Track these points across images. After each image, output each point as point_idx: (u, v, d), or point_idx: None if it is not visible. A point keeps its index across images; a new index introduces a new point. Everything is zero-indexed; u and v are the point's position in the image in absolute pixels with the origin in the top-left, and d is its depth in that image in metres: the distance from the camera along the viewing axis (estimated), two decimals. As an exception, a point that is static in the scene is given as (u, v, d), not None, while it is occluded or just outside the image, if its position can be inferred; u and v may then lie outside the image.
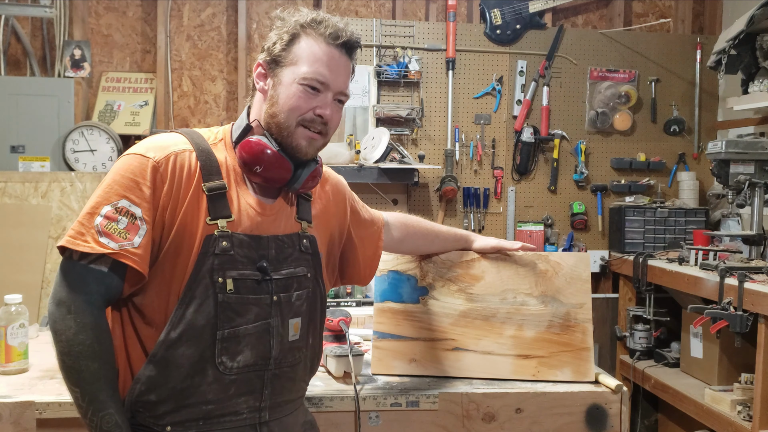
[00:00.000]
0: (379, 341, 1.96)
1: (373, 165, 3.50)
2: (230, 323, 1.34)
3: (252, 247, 1.37)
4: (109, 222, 1.29)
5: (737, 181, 2.93)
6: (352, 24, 3.66)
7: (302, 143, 1.40)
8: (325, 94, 1.40)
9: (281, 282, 1.40)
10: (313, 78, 1.38)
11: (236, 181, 1.40)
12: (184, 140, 1.40)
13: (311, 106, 1.39)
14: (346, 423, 1.75)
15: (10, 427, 1.64)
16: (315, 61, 1.39)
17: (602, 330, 3.85)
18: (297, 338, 1.45)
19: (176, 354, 1.32)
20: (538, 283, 1.98)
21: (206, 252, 1.32)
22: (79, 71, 3.54)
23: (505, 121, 3.83)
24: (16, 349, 1.87)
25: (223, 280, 1.33)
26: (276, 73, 1.41)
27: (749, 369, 2.74)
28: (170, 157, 1.35)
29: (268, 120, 1.41)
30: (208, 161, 1.38)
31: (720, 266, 2.71)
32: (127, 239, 1.29)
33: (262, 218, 1.41)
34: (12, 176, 3.27)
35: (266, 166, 1.37)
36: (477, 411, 1.81)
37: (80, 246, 1.28)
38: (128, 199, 1.30)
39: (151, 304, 1.35)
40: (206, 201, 1.34)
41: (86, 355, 1.27)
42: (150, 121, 3.64)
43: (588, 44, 3.88)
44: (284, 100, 1.39)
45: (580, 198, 3.90)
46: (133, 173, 1.32)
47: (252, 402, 1.39)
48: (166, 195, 1.32)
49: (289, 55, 1.40)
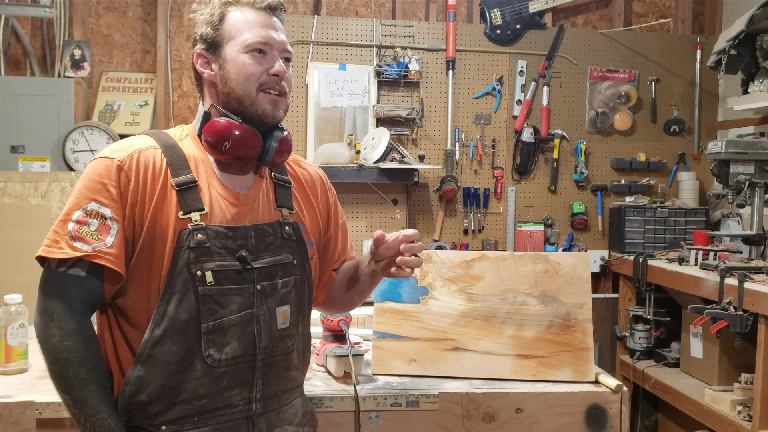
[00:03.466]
0: (379, 341, 1.96)
1: (373, 165, 3.50)
2: (213, 315, 1.34)
3: (229, 237, 1.37)
4: (80, 226, 1.30)
5: (737, 181, 2.93)
6: (353, 24, 3.69)
7: (267, 108, 1.41)
8: (271, 54, 1.42)
9: (264, 270, 1.40)
10: (256, 41, 1.40)
11: (207, 173, 1.41)
12: (149, 139, 1.41)
13: (264, 68, 1.40)
14: (346, 423, 1.75)
15: (10, 427, 1.64)
16: (252, 26, 1.41)
17: (602, 330, 3.85)
18: (287, 326, 1.44)
19: (162, 351, 1.32)
20: (538, 283, 1.98)
21: (181, 246, 1.32)
22: (79, 71, 3.54)
23: (505, 121, 3.83)
24: (16, 349, 1.87)
25: (201, 272, 1.33)
26: (218, 54, 1.42)
27: (749, 369, 2.74)
28: (134, 155, 1.36)
29: (225, 100, 1.42)
30: (175, 156, 1.39)
31: (720, 266, 2.71)
32: (99, 240, 1.30)
33: (237, 208, 1.41)
34: (12, 176, 3.27)
35: (234, 141, 1.38)
36: (477, 411, 1.81)
37: (56, 253, 1.29)
38: (97, 201, 1.32)
39: (133, 305, 1.35)
40: (176, 196, 1.35)
41: (73, 361, 1.27)
42: (150, 121, 3.64)
43: (588, 44, 3.88)
44: (236, 72, 1.40)
45: (580, 198, 3.90)
46: (99, 175, 1.34)
47: (245, 393, 1.39)
48: (133, 193, 1.33)
49: (225, 32, 1.41)
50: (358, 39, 3.69)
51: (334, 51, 3.68)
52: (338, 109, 3.68)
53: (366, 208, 3.71)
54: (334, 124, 3.69)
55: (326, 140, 3.65)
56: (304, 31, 3.64)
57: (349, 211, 3.68)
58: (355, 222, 3.70)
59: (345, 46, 3.69)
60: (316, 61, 3.66)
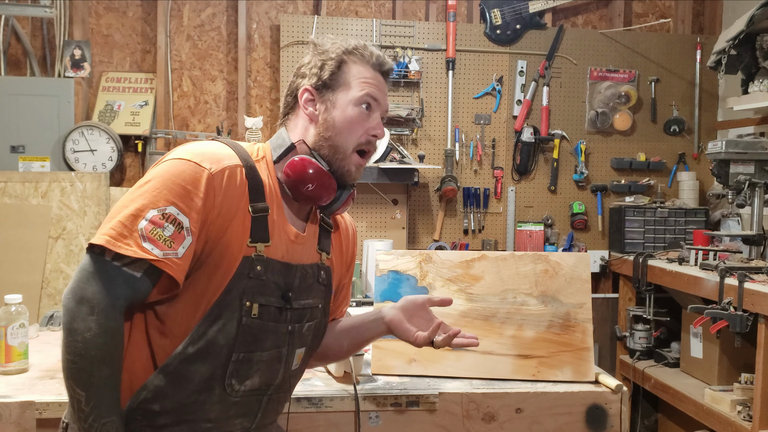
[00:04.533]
0: (379, 341, 1.96)
1: (373, 165, 3.51)
2: (247, 347, 1.33)
3: (282, 274, 1.36)
4: (154, 227, 1.23)
5: (737, 181, 2.93)
6: (353, 24, 3.68)
7: (353, 169, 1.43)
8: (377, 113, 1.45)
9: (298, 312, 1.41)
10: (369, 95, 1.42)
11: (277, 204, 1.38)
12: (233, 154, 1.34)
13: (366, 126, 1.43)
14: (346, 423, 1.75)
15: (10, 427, 1.64)
16: (366, 83, 1.43)
17: (602, 330, 3.85)
18: (298, 367, 1.47)
19: (190, 369, 1.30)
20: (538, 283, 1.98)
21: (241, 273, 1.30)
22: (79, 71, 3.54)
23: (505, 121, 3.83)
24: (16, 349, 1.87)
25: (250, 304, 1.31)
26: (327, 97, 1.42)
27: (749, 369, 2.74)
28: (225, 171, 1.30)
29: (320, 142, 1.41)
30: (255, 180, 1.34)
31: (720, 266, 2.71)
32: (171, 248, 1.23)
33: (293, 246, 1.40)
34: (12, 176, 3.27)
35: (318, 185, 1.37)
36: (477, 411, 1.81)
37: (122, 248, 1.21)
38: (177, 206, 1.24)
39: (174, 314, 1.31)
40: (250, 221, 1.32)
41: (101, 359, 1.21)
42: (150, 121, 3.64)
43: (588, 44, 3.88)
44: (341, 121, 1.40)
45: (580, 198, 3.90)
46: (185, 180, 1.26)
47: (246, 423, 1.40)
48: (216, 209, 1.28)
49: (340, 79, 1.42)
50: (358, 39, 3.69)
51: (334, 51, 3.68)
52: (338, 109, 3.68)
53: (366, 208, 3.71)
54: (334, 124, 3.69)
55: (326, 140, 3.65)
56: (304, 31, 3.64)
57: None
58: (356, 222, 3.69)
59: (345, 46, 3.68)
60: (316, 61, 3.65)
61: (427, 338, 1.49)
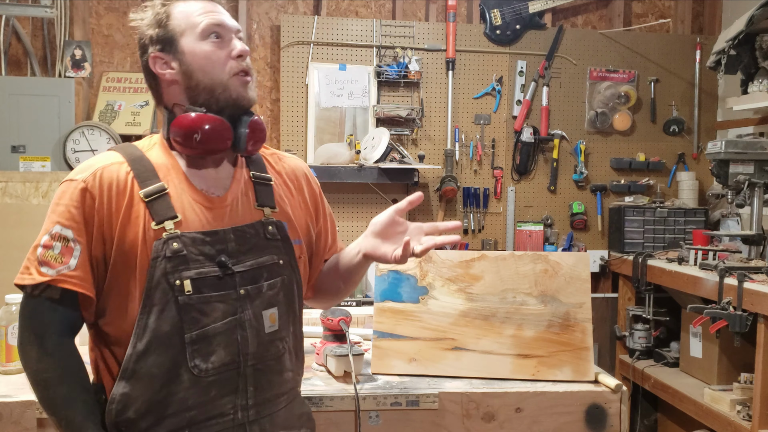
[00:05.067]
0: (379, 341, 1.97)
1: (373, 165, 3.51)
2: (197, 324, 1.31)
3: (207, 242, 1.33)
4: (46, 250, 1.30)
5: (737, 181, 2.93)
6: (353, 24, 3.69)
7: (241, 90, 1.37)
8: (228, 36, 1.39)
9: (247, 274, 1.36)
10: (210, 24, 1.37)
11: (178, 179, 1.36)
12: (114, 155, 1.37)
13: (226, 51, 1.37)
14: (346, 422, 1.76)
15: (10, 427, 1.65)
16: (200, 14, 1.38)
17: (602, 330, 3.85)
18: (276, 329, 1.40)
19: (147, 365, 1.29)
20: (537, 283, 1.99)
21: (156, 257, 1.29)
22: (80, 71, 3.54)
23: (505, 121, 3.84)
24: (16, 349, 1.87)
25: (180, 282, 1.29)
26: (175, 49, 1.38)
27: (749, 369, 2.75)
28: (96, 173, 1.32)
29: (192, 94, 1.37)
30: (142, 167, 1.35)
31: (719, 266, 2.71)
32: (62, 263, 1.29)
33: (213, 212, 1.37)
34: (13, 176, 3.27)
35: (203, 132, 1.33)
36: (477, 410, 1.81)
37: (25, 279, 1.31)
38: (60, 224, 1.30)
39: (113, 322, 1.33)
40: (144, 207, 1.31)
41: (52, 381, 1.28)
42: (150, 121, 3.64)
43: (588, 44, 3.88)
44: (200, 62, 1.36)
45: (579, 198, 3.90)
46: (61, 198, 1.32)
47: (237, 401, 1.36)
48: (99, 212, 1.30)
49: (176, 27, 1.38)
50: (358, 39, 3.70)
51: (334, 51, 3.69)
52: (338, 109, 3.69)
53: (366, 208, 3.71)
54: (334, 124, 3.69)
55: (326, 140, 3.66)
56: (305, 31, 3.64)
57: (349, 211, 3.68)
58: (355, 222, 3.70)
59: (345, 46, 3.69)
60: (317, 62, 3.66)
61: (404, 254, 1.39)
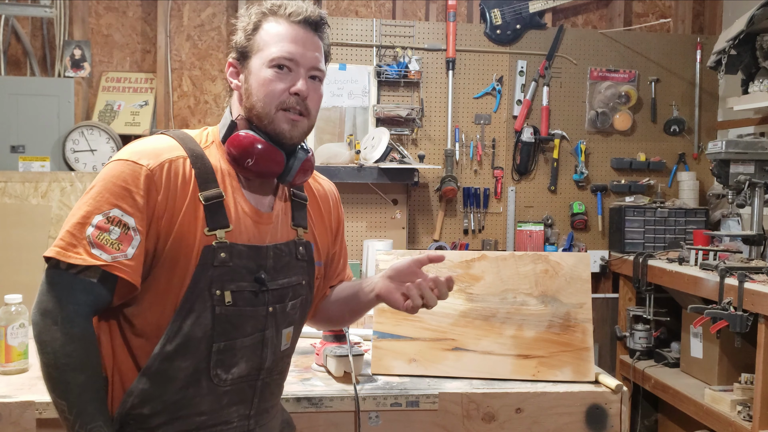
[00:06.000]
0: (379, 341, 1.96)
1: (373, 165, 3.51)
2: (227, 336, 1.32)
3: (251, 257, 1.34)
4: (101, 232, 1.24)
5: (737, 181, 2.93)
6: (353, 24, 3.69)
7: (285, 127, 1.35)
8: (297, 71, 1.35)
9: (277, 292, 1.38)
10: (280, 56, 1.33)
11: (232, 187, 1.35)
12: (176, 145, 1.34)
13: (285, 86, 1.34)
14: (346, 423, 1.75)
15: (10, 427, 1.64)
16: (279, 41, 1.34)
17: (602, 330, 3.85)
18: (288, 347, 1.44)
19: (172, 367, 1.29)
20: (538, 283, 1.98)
21: (205, 264, 1.28)
22: (79, 71, 3.54)
23: (505, 121, 3.83)
24: (16, 349, 1.87)
25: (221, 292, 1.29)
26: (245, 65, 1.37)
27: (749, 369, 2.74)
28: (164, 164, 1.29)
29: (247, 114, 1.36)
30: (203, 168, 1.32)
31: (720, 266, 2.71)
32: (120, 250, 1.24)
33: (259, 227, 1.37)
34: (12, 176, 3.27)
35: (257, 158, 1.32)
36: (477, 411, 1.81)
37: (72, 258, 1.23)
38: (120, 208, 1.25)
39: (143, 314, 1.31)
40: (203, 211, 1.29)
41: (74, 366, 1.23)
42: (150, 121, 3.64)
43: (588, 44, 3.88)
44: (257, 87, 1.34)
45: (580, 198, 3.90)
46: (125, 181, 1.26)
47: (242, 411, 1.38)
48: (161, 204, 1.27)
49: (255, 43, 1.35)
50: (358, 39, 3.69)
51: (334, 51, 3.68)
52: (338, 109, 3.69)
53: (366, 208, 3.71)
54: (334, 124, 3.69)
55: (326, 140, 3.65)
56: (304, 31, 3.64)
57: (349, 211, 3.67)
58: (355, 222, 3.70)
59: (345, 46, 3.69)
60: (316, 61, 3.65)
61: (415, 306, 1.41)
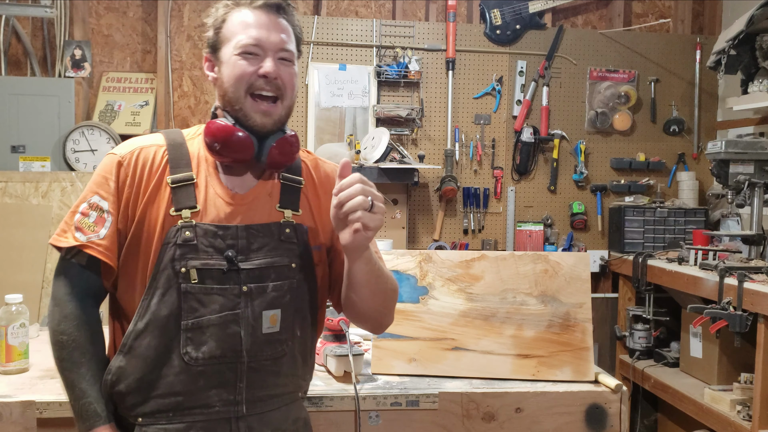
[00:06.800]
0: (379, 341, 1.97)
1: (373, 165, 3.51)
2: (194, 313, 1.34)
3: (218, 236, 1.36)
4: (83, 217, 1.38)
5: (737, 181, 2.93)
6: (353, 24, 3.69)
7: (256, 118, 1.38)
8: (264, 55, 1.39)
9: (253, 272, 1.37)
10: (246, 42, 1.37)
11: (207, 171, 1.42)
12: (158, 137, 1.45)
13: (252, 69, 1.38)
14: (346, 422, 1.75)
15: (10, 427, 1.65)
16: (246, 27, 1.39)
17: (602, 330, 3.85)
18: (276, 330, 1.39)
19: (143, 344, 1.34)
20: (537, 283, 1.98)
21: (168, 242, 1.35)
22: (80, 71, 3.54)
23: (505, 121, 3.84)
24: (16, 349, 1.88)
25: (186, 269, 1.34)
26: (218, 57, 1.42)
27: (749, 369, 2.74)
28: (134, 151, 1.41)
29: (222, 102, 1.43)
30: (178, 154, 1.41)
31: (719, 266, 2.71)
32: (94, 231, 1.37)
33: (231, 208, 1.40)
34: (12, 176, 3.27)
35: (223, 143, 1.37)
36: (477, 411, 1.81)
37: (60, 242, 1.38)
38: (98, 194, 1.39)
39: (123, 297, 1.40)
40: (169, 192, 1.37)
41: (67, 344, 1.35)
42: (150, 121, 3.64)
43: (588, 44, 3.88)
44: (228, 75, 1.39)
45: (579, 198, 3.90)
46: (103, 170, 1.41)
47: (225, 395, 1.37)
48: (129, 188, 1.38)
49: (223, 35, 1.41)
50: (358, 39, 3.70)
51: (335, 51, 3.69)
52: (338, 109, 3.69)
53: (366, 208, 3.70)
54: (334, 124, 3.69)
55: (326, 140, 3.66)
56: (305, 31, 3.64)
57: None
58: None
59: (345, 46, 3.69)
60: (317, 62, 3.66)
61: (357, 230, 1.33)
